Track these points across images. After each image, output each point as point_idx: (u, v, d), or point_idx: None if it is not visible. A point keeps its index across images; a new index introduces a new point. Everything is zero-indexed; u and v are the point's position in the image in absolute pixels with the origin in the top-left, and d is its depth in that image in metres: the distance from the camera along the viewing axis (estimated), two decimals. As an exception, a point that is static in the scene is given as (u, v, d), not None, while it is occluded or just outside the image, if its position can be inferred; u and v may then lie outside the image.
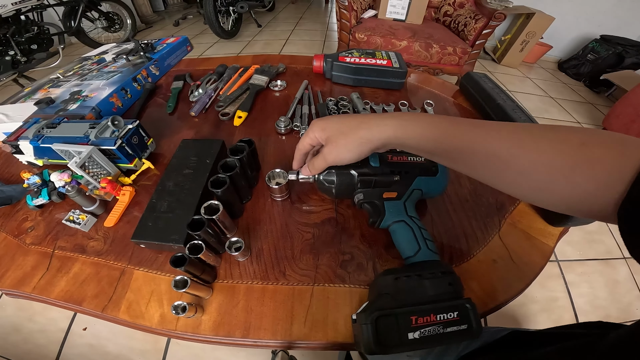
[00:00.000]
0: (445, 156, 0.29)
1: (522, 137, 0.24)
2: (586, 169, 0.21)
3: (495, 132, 0.25)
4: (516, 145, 0.24)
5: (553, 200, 0.24)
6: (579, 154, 0.21)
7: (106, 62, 0.74)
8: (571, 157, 0.21)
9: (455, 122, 0.28)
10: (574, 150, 0.21)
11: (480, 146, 0.26)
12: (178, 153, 0.46)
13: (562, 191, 0.22)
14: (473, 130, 0.27)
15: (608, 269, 1.15)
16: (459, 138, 0.27)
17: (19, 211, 0.45)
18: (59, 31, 2.14)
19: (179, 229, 0.36)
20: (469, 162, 0.27)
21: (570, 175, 0.21)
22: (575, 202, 0.22)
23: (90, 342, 0.92)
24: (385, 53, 0.71)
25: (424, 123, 0.29)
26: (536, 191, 0.24)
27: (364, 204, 0.37)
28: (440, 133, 0.28)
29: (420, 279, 0.29)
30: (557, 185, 0.22)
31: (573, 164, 0.21)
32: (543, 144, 0.23)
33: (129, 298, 0.35)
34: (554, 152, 0.22)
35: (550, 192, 0.23)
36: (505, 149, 0.24)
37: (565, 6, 2.43)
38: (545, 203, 0.25)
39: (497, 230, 0.42)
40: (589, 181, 0.21)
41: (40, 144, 0.45)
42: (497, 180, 0.26)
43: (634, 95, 1.61)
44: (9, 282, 0.37)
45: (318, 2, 4.21)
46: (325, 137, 0.33)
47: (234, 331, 0.32)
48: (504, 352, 0.33)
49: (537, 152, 0.23)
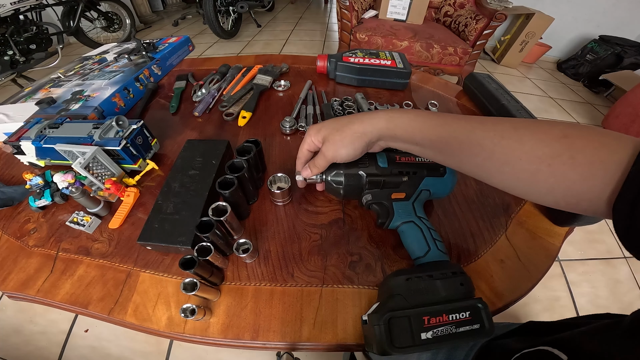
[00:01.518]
0: (432, 147, 0.29)
1: (505, 127, 0.25)
2: (567, 158, 0.21)
3: (479, 124, 0.27)
4: (499, 135, 0.25)
5: (539, 191, 0.24)
6: (561, 144, 0.22)
7: (108, 62, 0.73)
8: (553, 146, 0.22)
9: (442, 115, 0.30)
10: (556, 140, 0.22)
11: (465, 136, 0.27)
12: (183, 154, 0.45)
13: (546, 181, 0.23)
14: (458, 122, 0.28)
15: (609, 269, 1.16)
16: (444, 128, 0.28)
17: (21, 213, 0.44)
18: (57, 31, 2.12)
19: (185, 230, 0.36)
20: (456, 152, 0.28)
21: (552, 164, 0.22)
22: (562, 194, 0.23)
23: (92, 344, 0.91)
24: (389, 53, 0.71)
25: (412, 115, 0.30)
26: (521, 181, 0.25)
27: (373, 205, 0.37)
28: (427, 122, 0.29)
29: (431, 279, 0.29)
30: (540, 175, 0.23)
31: (554, 153, 0.22)
32: (525, 135, 0.24)
33: (136, 301, 0.34)
34: (535, 142, 0.23)
35: (535, 181, 0.24)
36: (488, 139, 0.25)
37: (564, 6, 2.44)
38: (532, 194, 0.25)
39: (504, 230, 0.42)
40: (571, 171, 0.21)
41: (43, 144, 0.45)
42: (483, 171, 0.27)
43: (633, 95, 1.62)
44: (12, 284, 0.37)
45: (317, 2, 4.20)
46: (321, 137, 0.34)
47: (243, 333, 0.32)
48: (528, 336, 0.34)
49: (519, 142, 0.24)
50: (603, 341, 0.22)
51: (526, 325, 0.36)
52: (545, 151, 0.23)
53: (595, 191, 0.21)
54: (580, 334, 0.25)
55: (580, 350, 0.23)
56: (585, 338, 0.24)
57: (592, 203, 0.21)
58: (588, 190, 0.21)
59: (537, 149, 0.23)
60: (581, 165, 0.21)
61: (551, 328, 0.34)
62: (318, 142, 0.35)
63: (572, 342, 0.25)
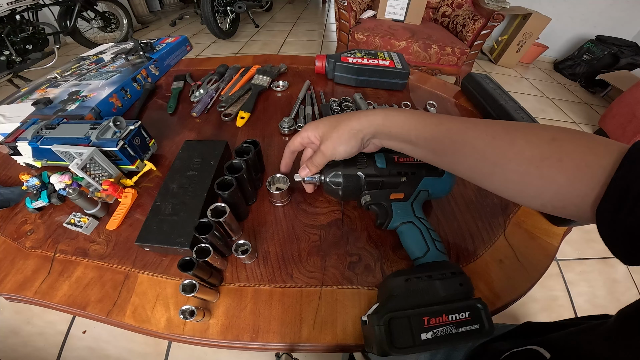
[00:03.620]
0: (426, 146, 0.30)
1: (497, 129, 0.26)
2: (555, 161, 0.22)
3: (473, 125, 0.27)
4: (491, 135, 0.25)
5: (528, 193, 0.24)
6: (549, 147, 0.22)
7: (105, 62, 0.73)
8: (541, 149, 0.23)
9: (437, 115, 0.30)
10: (545, 143, 0.23)
11: (458, 136, 0.27)
12: (181, 154, 0.45)
13: (534, 183, 0.23)
14: (452, 122, 0.28)
15: (606, 268, 1.16)
16: (439, 127, 0.28)
17: (17, 214, 0.44)
18: (54, 31, 2.11)
19: (184, 231, 0.35)
20: (448, 153, 0.28)
21: (540, 166, 0.22)
22: (550, 197, 0.23)
23: (90, 345, 0.90)
24: (387, 54, 0.71)
25: (408, 113, 0.31)
26: (511, 183, 0.25)
27: (371, 206, 0.37)
28: (422, 121, 0.30)
29: (430, 279, 0.29)
30: (529, 178, 0.23)
31: (543, 155, 0.22)
32: (517, 136, 0.24)
33: (134, 302, 0.34)
34: (525, 144, 0.24)
35: (524, 184, 0.24)
36: (480, 139, 0.26)
37: (561, 7, 2.46)
38: (521, 197, 0.25)
39: (503, 230, 0.42)
40: (559, 173, 0.22)
41: (40, 145, 0.44)
42: (475, 173, 0.28)
43: (629, 95, 1.63)
44: (10, 286, 0.36)
45: (315, 3, 4.20)
46: (319, 134, 0.34)
47: (243, 335, 0.31)
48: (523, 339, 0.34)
49: (510, 143, 0.24)
50: (587, 340, 0.22)
51: (522, 326, 0.36)
52: (534, 152, 0.23)
53: (581, 195, 0.21)
54: (567, 334, 0.25)
55: (564, 348, 0.24)
56: (571, 337, 0.25)
57: (578, 208, 0.22)
58: (574, 195, 0.21)
59: (527, 150, 0.23)
60: (568, 168, 0.21)
61: (545, 329, 0.34)
62: (316, 138, 0.35)
63: (558, 342, 0.25)
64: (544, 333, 0.34)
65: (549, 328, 0.34)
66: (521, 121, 0.54)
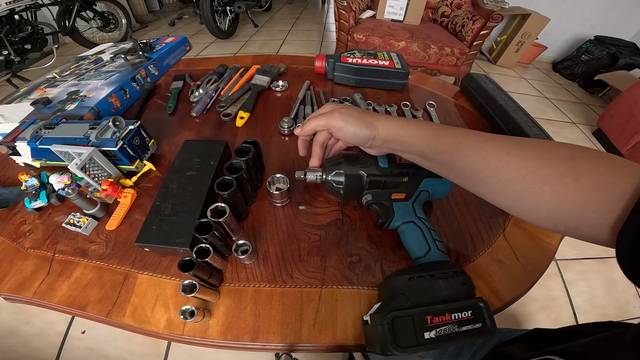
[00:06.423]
0: (437, 159, 0.29)
1: (512, 145, 0.25)
2: (571, 181, 0.21)
3: (486, 139, 0.26)
4: (505, 151, 0.25)
5: (539, 212, 0.24)
6: (566, 166, 0.22)
7: (104, 62, 0.73)
8: (558, 168, 0.22)
9: (449, 127, 0.30)
10: (562, 162, 0.22)
11: (470, 150, 0.26)
12: (180, 154, 0.45)
13: (548, 202, 0.22)
14: (465, 135, 0.28)
15: (605, 268, 1.17)
16: (452, 140, 0.28)
17: (16, 214, 0.44)
18: (53, 31, 2.10)
19: (184, 232, 0.35)
20: (459, 166, 0.27)
21: (555, 185, 0.22)
22: (562, 217, 0.22)
23: (89, 345, 0.90)
24: (387, 54, 0.71)
25: (421, 124, 0.30)
26: (522, 200, 0.24)
27: (373, 205, 0.37)
28: (436, 133, 0.29)
29: (433, 279, 0.29)
30: (542, 196, 0.22)
31: (559, 174, 0.22)
32: (532, 154, 0.24)
33: (134, 302, 0.34)
34: (541, 162, 0.23)
35: (535, 202, 0.23)
36: (494, 155, 0.25)
37: (559, 7, 2.46)
38: (532, 215, 0.25)
39: (502, 230, 0.42)
40: (574, 193, 0.21)
41: (39, 145, 0.44)
42: (485, 188, 0.27)
43: (628, 95, 1.64)
44: (9, 286, 0.36)
45: (314, 3, 4.20)
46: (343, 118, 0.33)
47: (243, 335, 0.31)
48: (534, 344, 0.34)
49: (525, 160, 0.23)
50: (608, 352, 0.22)
51: (532, 332, 0.36)
52: (549, 171, 0.22)
53: (596, 217, 0.20)
54: (586, 344, 0.25)
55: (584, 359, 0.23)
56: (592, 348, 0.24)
57: (592, 229, 0.21)
58: (589, 216, 0.21)
59: (542, 169, 0.22)
60: (584, 189, 0.20)
61: (557, 336, 0.34)
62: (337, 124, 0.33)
63: (578, 352, 0.24)
64: (554, 340, 0.34)
65: (559, 335, 0.34)
66: (521, 122, 0.54)
